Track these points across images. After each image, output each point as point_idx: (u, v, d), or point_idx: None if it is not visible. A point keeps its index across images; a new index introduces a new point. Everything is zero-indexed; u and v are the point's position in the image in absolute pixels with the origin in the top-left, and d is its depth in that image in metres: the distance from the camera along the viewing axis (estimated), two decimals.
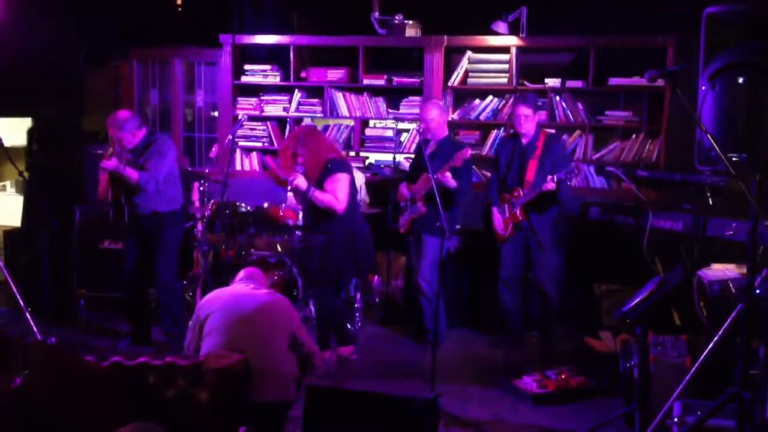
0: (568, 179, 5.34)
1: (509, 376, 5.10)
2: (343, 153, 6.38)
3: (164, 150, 5.47)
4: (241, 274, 4.22)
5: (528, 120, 5.57)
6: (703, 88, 3.37)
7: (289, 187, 5.30)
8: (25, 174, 5.12)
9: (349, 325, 6.04)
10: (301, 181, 5.13)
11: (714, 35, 3.67)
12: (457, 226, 5.94)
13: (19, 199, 7.92)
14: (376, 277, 6.80)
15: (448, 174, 5.43)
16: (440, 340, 5.62)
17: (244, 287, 4.01)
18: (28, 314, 4.67)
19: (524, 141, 5.65)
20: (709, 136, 3.17)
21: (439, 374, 4.46)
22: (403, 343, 5.97)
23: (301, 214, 5.80)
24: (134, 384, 2.91)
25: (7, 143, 5.17)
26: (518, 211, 5.58)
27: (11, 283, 4.71)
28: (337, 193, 5.16)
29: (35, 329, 4.65)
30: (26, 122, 9.00)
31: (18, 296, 4.66)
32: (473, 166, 6.79)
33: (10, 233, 6.99)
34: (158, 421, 2.13)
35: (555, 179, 5.28)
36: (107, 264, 6.42)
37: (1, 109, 7.50)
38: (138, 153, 5.45)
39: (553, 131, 6.33)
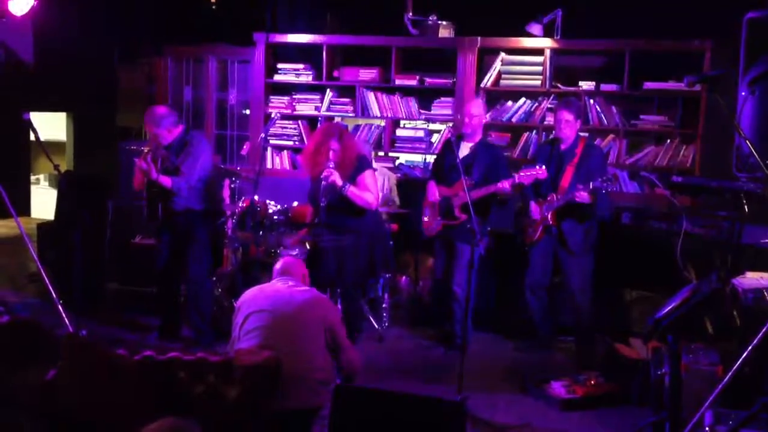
0: (604, 188, 5.20)
1: (537, 381, 5.06)
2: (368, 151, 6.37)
3: (199, 151, 5.49)
4: (279, 265, 4.17)
5: (569, 125, 5.48)
6: (743, 93, 3.33)
7: (324, 182, 5.20)
8: (60, 168, 5.16)
9: (375, 323, 6.05)
10: (337, 177, 5.08)
11: (754, 40, 3.62)
12: (488, 228, 5.91)
13: (53, 193, 8.02)
14: (403, 277, 6.79)
15: (509, 187, 5.37)
16: (466, 344, 5.62)
17: (281, 285, 3.96)
18: (59, 306, 4.72)
19: (563, 147, 5.56)
20: (748, 142, 3.13)
21: (467, 377, 4.44)
22: (430, 345, 5.94)
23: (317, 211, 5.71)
24: (165, 379, 2.92)
25: (42, 137, 5.23)
26: (549, 216, 5.51)
27: (44, 276, 4.77)
28: (369, 187, 5.15)
29: (67, 321, 4.70)
30: (61, 117, 9.14)
31: (50, 288, 4.71)
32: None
33: (43, 226, 7.08)
34: (188, 416, 2.14)
35: (591, 187, 5.18)
36: (138, 259, 6.48)
37: (37, 104, 7.60)
38: (174, 150, 5.48)
39: (586, 134, 6.28)
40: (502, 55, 6.82)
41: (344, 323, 5.28)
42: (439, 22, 6.87)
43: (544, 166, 5.35)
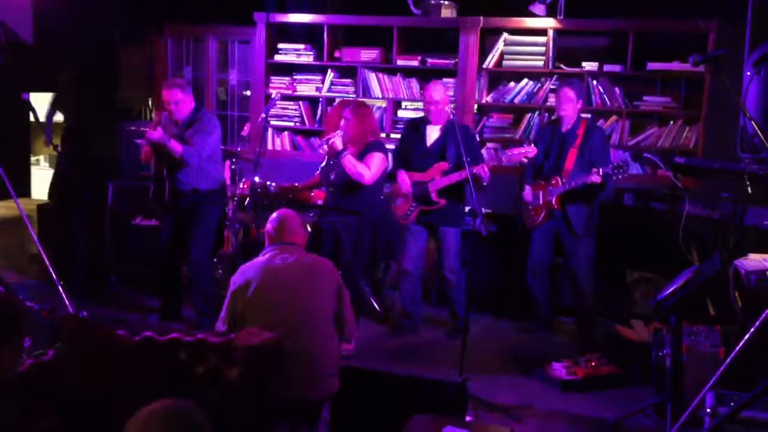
0: (615, 175, 5.13)
1: (538, 362, 5.06)
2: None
3: (210, 128, 5.48)
4: (275, 216, 3.82)
5: (569, 102, 5.43)
6: (748, 73, 3.30)
7: (325, 146, 5.17)
8: (59, 148, 5.14)
9: (376, 306, 6.04)
10: (338, 141, 5.05)
11: (760, 20, 3.59)
12: (485, 210, 5.88)
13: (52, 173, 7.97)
14: None
15: (488, 171, 5.32)
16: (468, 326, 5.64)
17: (282, 265, 3.65)
18: (60, 288, 4.72)
19: (564, 128, 5.53)
20: (753, 122, 3.10)
21: (468, 359, 4.44)
22: (431, 327, 5.94)
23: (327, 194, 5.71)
24: (165, 359, 2.91)
25: (42, 118, 5.21)
26: (554, 200, 5.46)
27: (44, 257, 4.76)
28: (370, 166, 5.11)
29: (67, 303, 4.70)
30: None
31: (50, 270, 4.70)
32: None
33: (43, 207, 7.06)
34: (189, 397, 2.12)
35: (601, 173, 5.14)
36: (139, 240, 6.47)
37: (37, 84, 7.56)
38: (183, 127, 5.46)
39: (588, 115, 6.25)
40: (505, 35, 6.77)
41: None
42: (442, 1, 6.81)
43: (533, 145, 5.33)
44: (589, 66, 6.54)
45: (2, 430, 2.30)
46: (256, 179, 5.84)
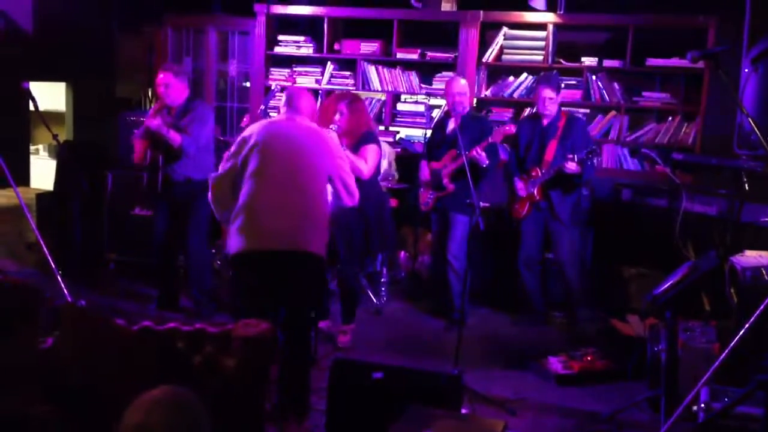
0: (589, 159, 5.25)
1: (534, 355, 5.08)
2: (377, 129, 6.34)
3: (205, 117, 5.49)
4: (286, 93, 4.30)
5: (552, 102, 5.51)
6: (746, 70, 3.31)
7: None
8: (59, 138, 5.14)
9: (373, 298, 6.06)
10: (333, 137, 5.05)
11: (759, 17, 3.60)
12: (483, 204, 5.88)
13: (52, 163, 7.98)
14: (402, 252, 6.79)
15: (483, 153, 5.37)
16: (464, 318, 5.64)
17: (288, 123, 4.13)
18: (58, 277, 4.73)
19: (545, 121, 5.58)
20: (750, 119, 3.11)
21: (464, 351, 4.46)
22: (427, 319, 5.96)
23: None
24: (163, 348, 2.92)
25: (41, 107, 5.20)
26: (535, 191, 5.52)
27: (43, 246, 4.76)
28: (366, 159, 5.11)
29: (65, 292, 4.70)
30: (60, 87, 9.10)
31: (49, 259, 4.71)
32: (504, 144, 6.74)
33: (42, 196, 7.06)
34: (186, 386, 2.14)
35: (576, 159, 5.22)
36: (137, 229, 6.47)
37: (36, 74, 7.56)
38: (177, 116, 5.46)
39: (568, 109, 6.26)
40: (505, 29, 6.77)
41: (345, 298, 5.31)
42: None
43: (512, 125, 5.51)
44: (589, 61, 6.55)
45: (5, 416, 2.32)
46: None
